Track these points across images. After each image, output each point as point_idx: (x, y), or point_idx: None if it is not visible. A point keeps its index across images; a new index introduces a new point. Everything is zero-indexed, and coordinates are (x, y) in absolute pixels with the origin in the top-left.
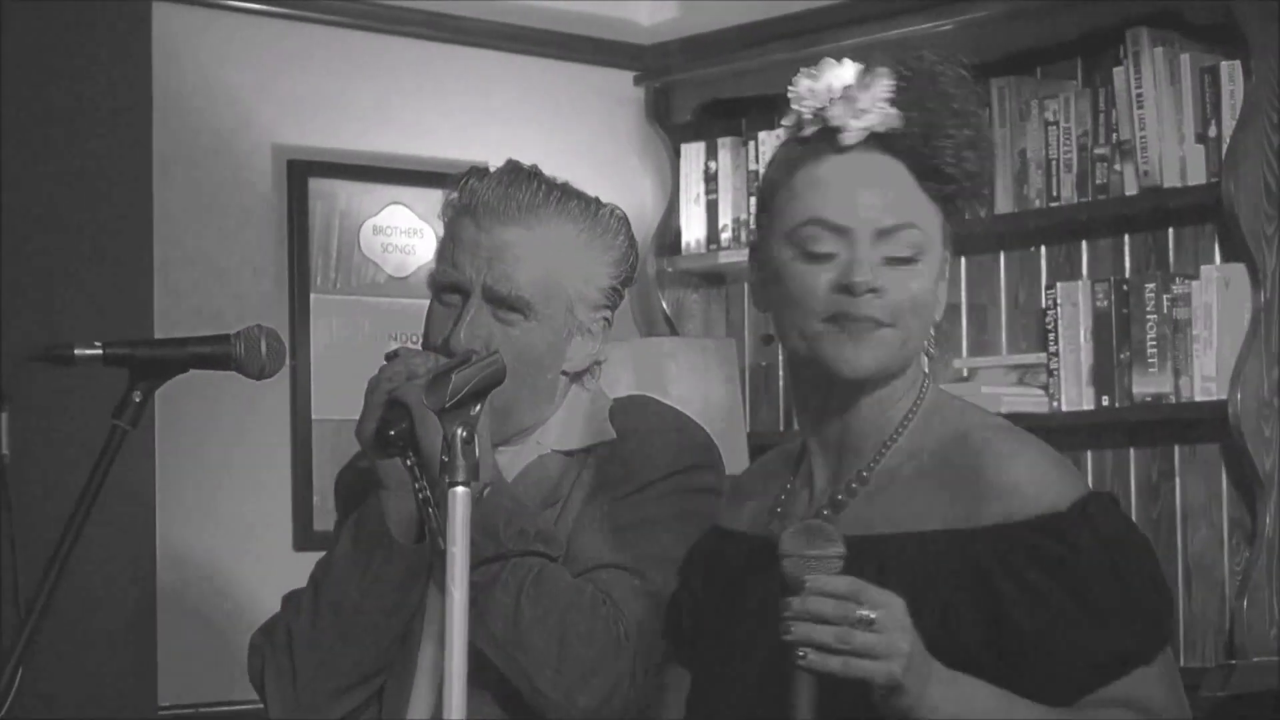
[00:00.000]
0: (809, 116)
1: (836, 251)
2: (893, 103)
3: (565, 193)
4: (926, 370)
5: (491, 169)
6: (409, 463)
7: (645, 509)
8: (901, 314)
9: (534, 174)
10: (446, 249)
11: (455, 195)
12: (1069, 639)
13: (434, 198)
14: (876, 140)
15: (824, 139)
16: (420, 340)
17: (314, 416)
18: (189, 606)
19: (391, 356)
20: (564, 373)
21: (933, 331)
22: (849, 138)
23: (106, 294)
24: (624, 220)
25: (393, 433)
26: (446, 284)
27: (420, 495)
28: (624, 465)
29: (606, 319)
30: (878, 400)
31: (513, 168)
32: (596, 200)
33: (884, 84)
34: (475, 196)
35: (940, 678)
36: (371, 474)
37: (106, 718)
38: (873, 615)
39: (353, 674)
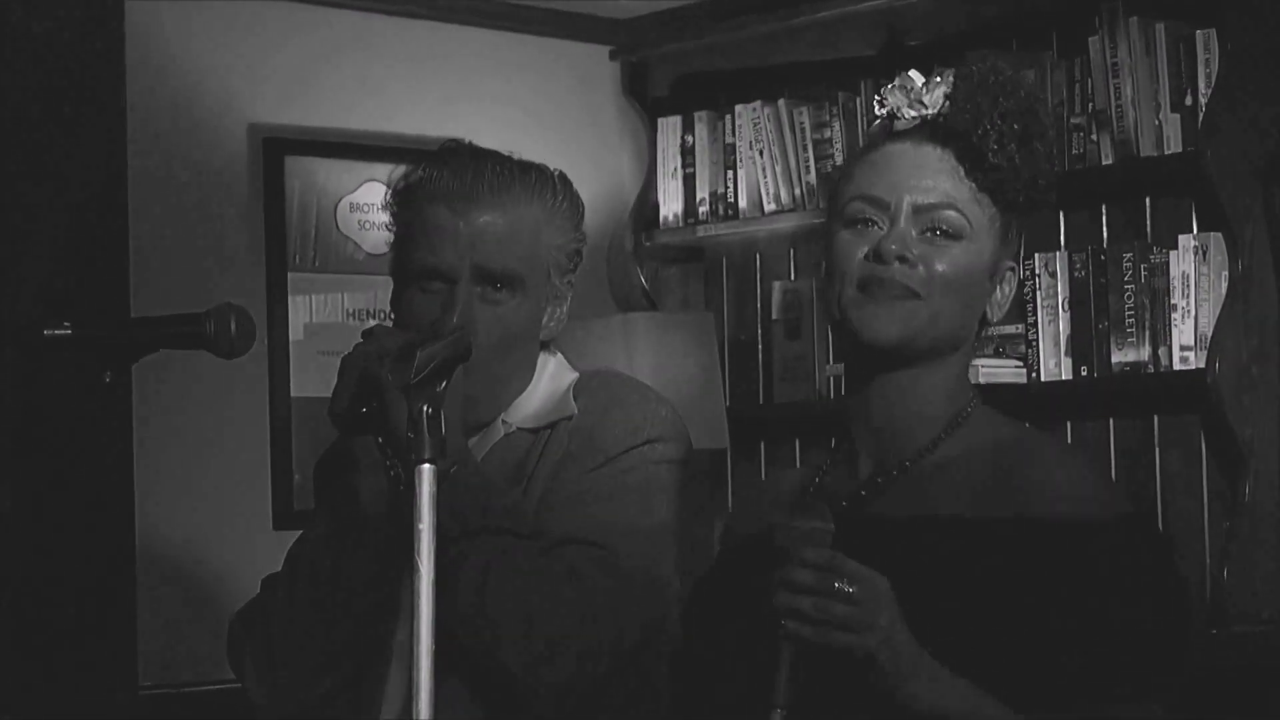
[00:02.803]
0: (879, 112)
1: (877, 221)
2: (947, 96)
3: (522, 167)
4: (975, 382)
5: (439, 151)
6: (380, 440)
7: (610, 483)
8: (932, 287)
9: (489, 153)
10: (419, 237)
11: (409, 181)
12: (1080, 640)
13: None
14: (930, 131)
15: (884, 129)
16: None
17: (293, 394)
18: (169, 586)
19: (367, 335)
20: (540, 341)
21: (987, 330)
22: (902, 124)
23: (81, 273)
24: (569, 181)
25: (364, 410)
26: (427, 270)
27: (392, 472)
28: (588, 439)
29: (571, 282)
30: (922, 390)
31: (468, 149)
32: (545, 167)
33: (944, 79)
34: (439, 183)
35: (925, 669)
36: (348, 454)
37: (87, 699)
38: (850, 589)
39: (329, 653)
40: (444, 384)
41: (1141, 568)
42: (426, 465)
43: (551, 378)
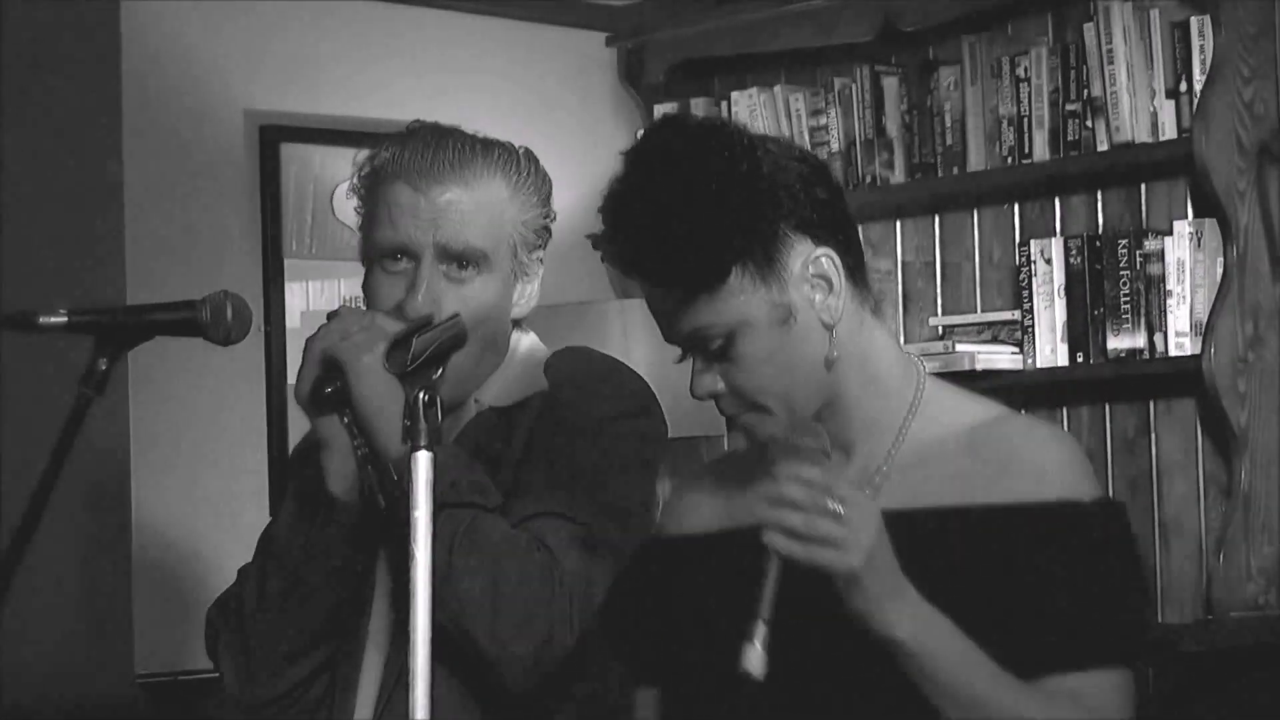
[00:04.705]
0: None
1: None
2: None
3: (485, 144)
4: (919, 365)
5: (402, 132)
6: (345, 420)
7: (583, 456)
8: (757, 398)
9: (453, 130)
10: (381, 215)
11: (374, 163)
12: (1055, 612)
13: None
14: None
15: None
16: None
17: (289, 382)
18: (165, 576)
19: (332, 315)
20: (510, 319)
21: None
22: None
23: (78, 261)
24: (535, 158)
25: (328, 390)
26: (391, 248)
27: (359, 453)
28: (561, 414)
29: (540, 259)
30: (867, 391)
31: (431, 128)
32: (511, 144)
33: None
34: (401, 162)
35: (906, 598)
36: (314, 437)
37: (84, 688)
38: (840, 508)
39: (303, 638)
40: (439, 371)
41: (1118, 548)
42: (423, 452)
43: (524, 356)
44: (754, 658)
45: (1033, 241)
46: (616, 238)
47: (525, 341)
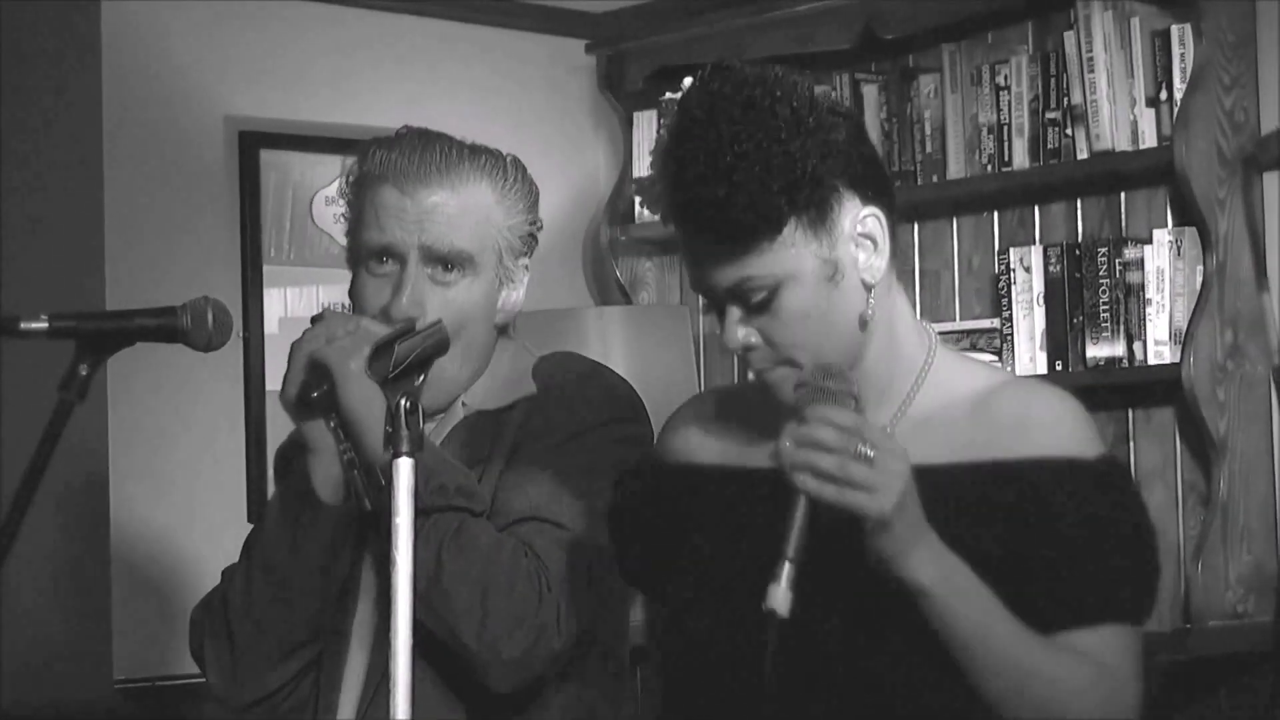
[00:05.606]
0: None
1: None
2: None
3: (472, 149)
4: (931, 332)
5: (390, 136)
6: (332, 424)
7: (569, 461)
8: (787, 352)
9: (439, 135)
10: (369, 218)
11: (362, 167)
12: (1063, 569)
13: None
14: (697, 227)
15: None
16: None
17: (268, 388)
18: (144, 581)
19: (316, 319)
20: (495, 325)
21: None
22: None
23: (57, 266)
24: (522, 165)
25: (314, 395)
26: (378, 249)
27: (345, 456)
28: (548, 418)
29: (526, 265)
30: (886, 354)
31: (419, 132)
32: (498, 151)
33: None
34: (389, 165)
35: (930, 545)
36: (299, 439)
37: (62, 693)
38: (871, 453)
39: (288, 639)
40: (421, 378)
41: (1124, 505)
42: (404, 459)
43: (511, 360)
44: (780, 597)
45: (1012, 249)
46: (674, 185)
47: (512, 346)
